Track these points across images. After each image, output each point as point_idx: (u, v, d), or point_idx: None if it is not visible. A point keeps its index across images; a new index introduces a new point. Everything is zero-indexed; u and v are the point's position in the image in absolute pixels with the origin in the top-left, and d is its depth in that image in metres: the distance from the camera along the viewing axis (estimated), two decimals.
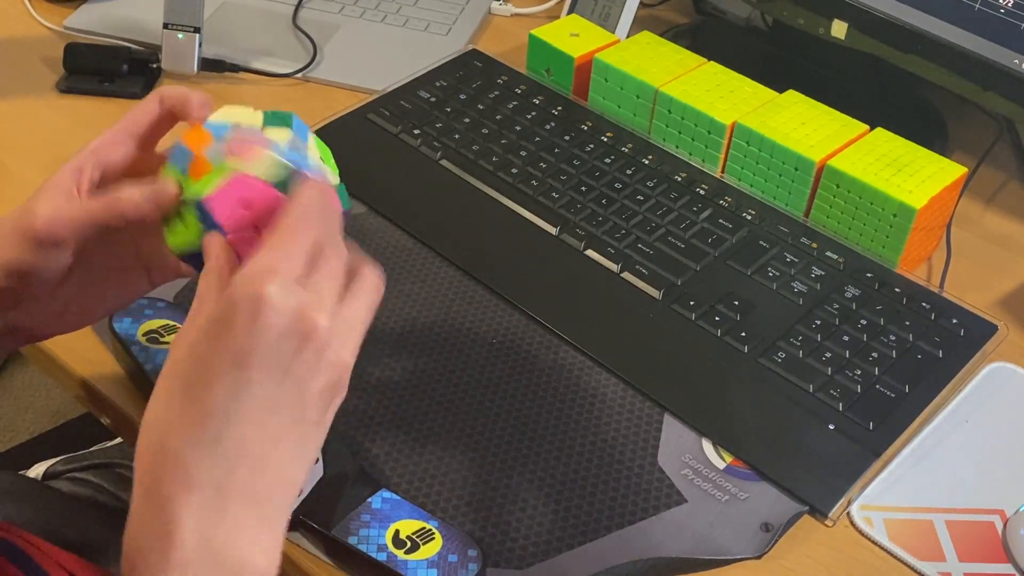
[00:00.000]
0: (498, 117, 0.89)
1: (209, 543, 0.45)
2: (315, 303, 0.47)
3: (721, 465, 0.65)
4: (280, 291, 0.46)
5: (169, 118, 0.58)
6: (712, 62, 0.88)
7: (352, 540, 0.58)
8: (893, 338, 0.71)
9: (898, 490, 0.64)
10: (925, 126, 0.93)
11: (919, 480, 0.65)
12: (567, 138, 0.86)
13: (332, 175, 0.55)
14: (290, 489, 0.48)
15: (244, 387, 0.46)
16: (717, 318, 0.72)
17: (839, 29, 0.88)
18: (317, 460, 0.62)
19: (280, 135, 0.54)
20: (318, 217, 0.49)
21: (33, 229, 0.54)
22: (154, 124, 0.58)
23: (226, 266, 0.50)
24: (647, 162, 0.84)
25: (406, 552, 0.58)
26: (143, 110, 0.58)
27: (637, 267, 0.76)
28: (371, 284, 0.51)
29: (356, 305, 0.49)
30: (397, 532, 0.59)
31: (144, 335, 0.69)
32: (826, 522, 0.63)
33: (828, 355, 0.70)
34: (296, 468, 0.48)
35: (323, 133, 0.88)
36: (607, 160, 0.84)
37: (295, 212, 0.49)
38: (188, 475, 0.45)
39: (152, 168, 0.59)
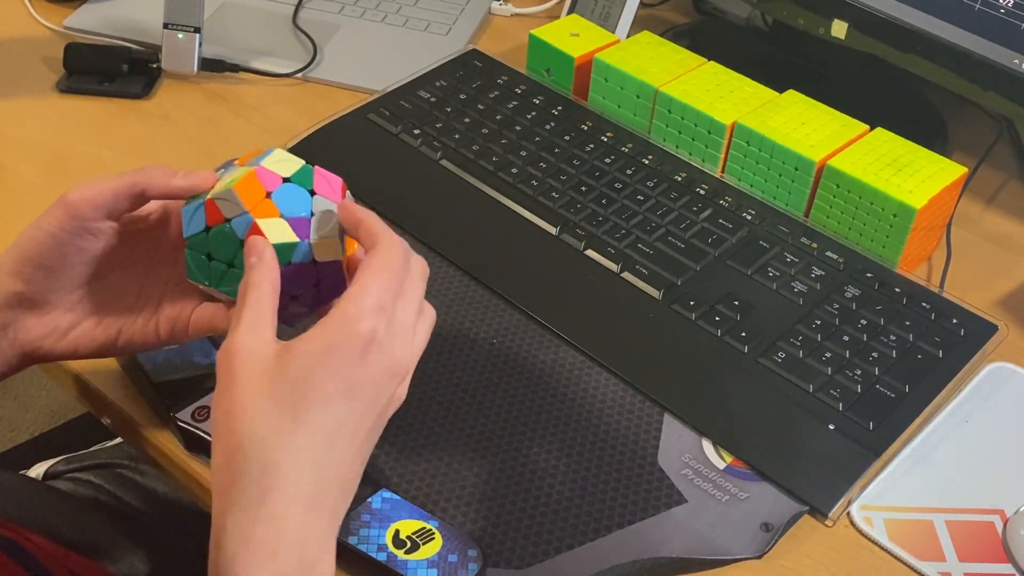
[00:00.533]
0: (498, 117, 0.89)
1: (303, 556, 0.47)
2: (404, 339, 0.51)
3: (721, 465, 0.65)
4: (387, 329, 0.50)
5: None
6: (712, 62, 0.88)
7: (352, 540, 0.58)
8: (893, 338, 0.71)
9: (898, 490, 0.64)
10: (925, 126, 0.93)
11: (919, 480, 0.65)
12: (567, 138, 0.86)
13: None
14: (348, 506, 0.51)
15: (350, 415, 0.49)
16: (717, 318, 0.72)
17: (839, 29, 0.88)
18: None
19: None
20: (404, 251, 0.52)
21: (67, 199, 0.55)
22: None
23: (277, 269, 0.53)
24: (647, 162, 0.84)
25: (406, 552, 0.58)
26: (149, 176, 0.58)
27: (637, 267, 0.76)
28: (429, 322, 0.54)
29: (419, 342, 0.53)
30: (397, 532, 0.59)
31: None
32: (826, 522, 0.63)
33: (828, 355, 0.70)
34: (356, 486, 0.51)
35: (323, 133, 0.88)
36: (607, 160, 0.84)
37: (391, 248, 0.51)
38: (297, 494, 0.47)
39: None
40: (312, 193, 0.55)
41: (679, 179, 0.83)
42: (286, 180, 0.55)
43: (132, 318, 0.60)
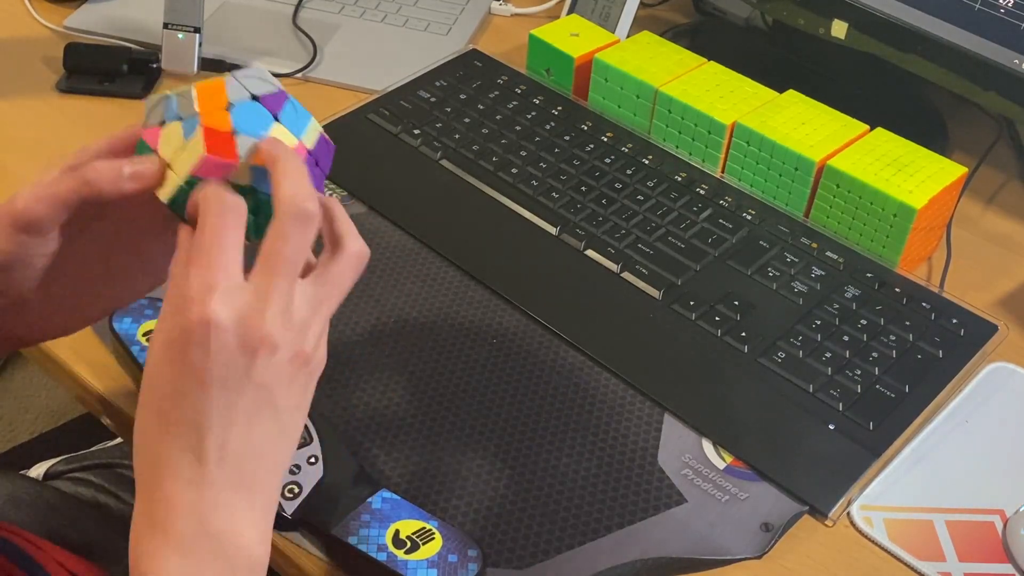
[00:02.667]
0: (498, 117, 0.89)
1: (206, 529, 0.48)
2: (259, 310, 0.48)
3: (721, 465, 0.65)
4: (222, 308, 0.47)
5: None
6: (712, 62, 0.88)
7: (352, 540, 0.58)
8: (893, 338, 0.71)
9: (898, 490, 0.64)
10: (925, 126, 0.93)
11: (919, 480, 0.65)
12: (567, 138, 0.86)
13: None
14: (278, 471, 0.50)
15: (210, 402, 0.48)
16: (717, 318, 0.72)
17: (839, 29, 0.88)
18: (316, 461, 0.62)
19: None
20: (237, 216, 0.49)
21: (12, 213, 0.53)
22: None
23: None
24: (647, 162, 0.84)
25: (406, 552, 0.58)
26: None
27: (637, 267, 0.76)
28: (347, 263, 0.51)
29: (324, 290, 0.50)
30: (397, 532, 0.59)
31: (144, 335, 0.69)
32: (826, 522, 0.63)
33: (828, 355, 0.70)
34: (280, 452, 0.50)
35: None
36: (607, 160, 0.84)
37: (212, 221, 0.48)
38: (181, 475, 0.48)
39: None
40: (275, 119, 0.53)
41: (679, 179, 0.83)
42: (254, 98, 0.52)
43: (109, 283, 0.60)
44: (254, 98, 0.53)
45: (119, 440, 0.92)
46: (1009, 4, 0.77)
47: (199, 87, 0.52)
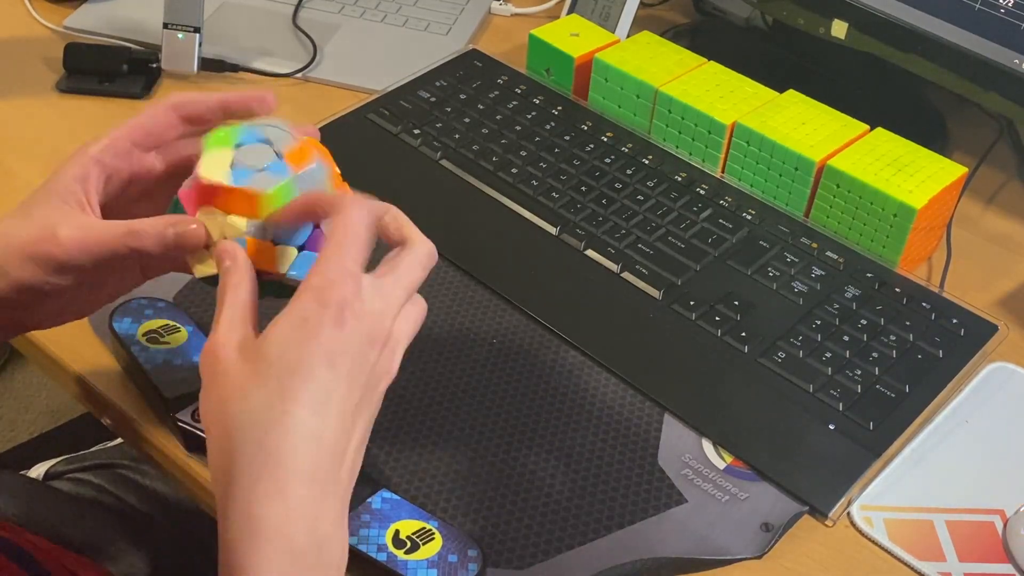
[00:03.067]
0: (498, 117, 0.89)
1: (314, 533, 0.47)
2: (383, 307, 0.50)
3: (721, 465, 0.65)
4: (358, 296, 0.49)
5: (181, 120, 0.58)
6: (712, 62, 0.88)
7: (352, 540, 0.58)
8: (893, 338, 0.71)
9: (898, 490, 0.64)
10: (925, 126, 0.93)
11: (919, 480, 0.65)
12: (567, 138, 0.86)
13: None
14: (352, 487, 0.50)
15: (336, 385, 0.48)
16: (717, 318, 0.72)
17: (839, 29, 0.88)
18: None
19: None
20: (370, 210, 0.52)
21: (55, 258, 0.53)
22: (158, 126, 0.58)
23: (252, 271, 0.52)
24: (647, 162, 0.84)
25: (406, 552, 0.58)
26: (154, 121, 0.58)
27: (637, 267, 0.76)
28: (419, 311, 0.53)
29: (407, 327, 0.52)
30: (397, 532, 0.59)
31: (144, 335, 0.69)
32: (826, 522, 0.63)
33: (828, 355, 0.70)
34: (358, 466, 0.51)
35: (323, 133, 0.87)
36: (607, 160, 0.84)
37: (350, 214, 0.50)
38: (297, 468, 0.47)
39: (154, 174, 0.59)
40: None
41: (679, 179, 0.83)
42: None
43: (115, 276, 0.60)
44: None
45: (119, 440, 0.92)
46: (1009, 4, 0.77)
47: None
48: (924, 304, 0.73)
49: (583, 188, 0.82)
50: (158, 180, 0.60)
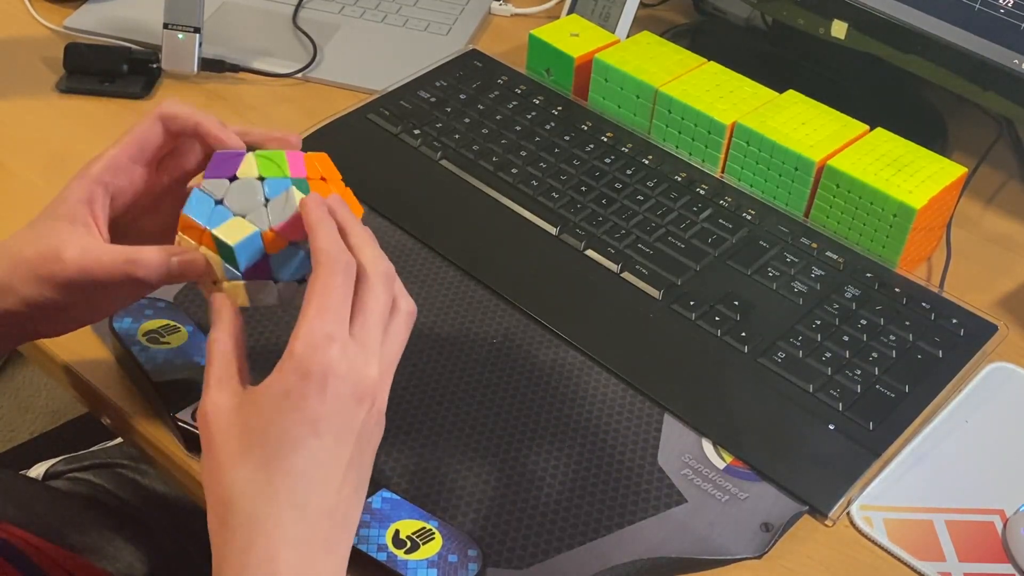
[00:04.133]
0: (498, 117, 0.89)
1: None
2: (365, 359, 0.50)
3: (721, 465, 0.65)
4: (342, 357, 0.49)
5: (172, 135, 0.58)
6: (712, 62, 0.88)
7: (352, 540, 0.58)
8: (893, 338, 0.71)
9: (898, 490, 0.64)
10: (925, 126, 0.93)
11: (919, 480, 0.65)
12: (567, 138, 0.86)
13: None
14: (352, 533, 0.51)
15: (323, 452, 0.49)
16: (717, 318, 0.72)
17: (839, 29, 0.88)
18: None
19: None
20: (345, 267, 0.51)
21: (64, 278, 0.54)
22: (153, 142, 0.58)
23: (239, 324, 0.53)
24: (647, 162, 0.84)
25: (406, 552, 0.58)
26: (146, 135, 0.58)
27: (637, 267, 0.76)
28: (406, 321, 0.53)
29: (394, 348, 0.52)
30: (397, 532, 0.59)
31: (144, 335, 0.69)
32: (826, 522, 0.63)
33: (828, 355, 0.70)
34: (357, 513, 0.52)
35: (323, 133, 0.88)
36: (607, 160, 0.84)
37: (328, 269, 0.50)
38: (284, 535, 0.48)
39: (158, 186, 0.60)
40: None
41: (679, 179, 0.83)
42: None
43: (122, 287, 0.60)
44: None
45: (119, 440, 0.92)
46: (1009, 4, 0.77)
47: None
48: (924, 304, 0.73)
49: (583, 188, 0.82)
50: (164, 191, 0.60)
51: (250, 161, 0.55)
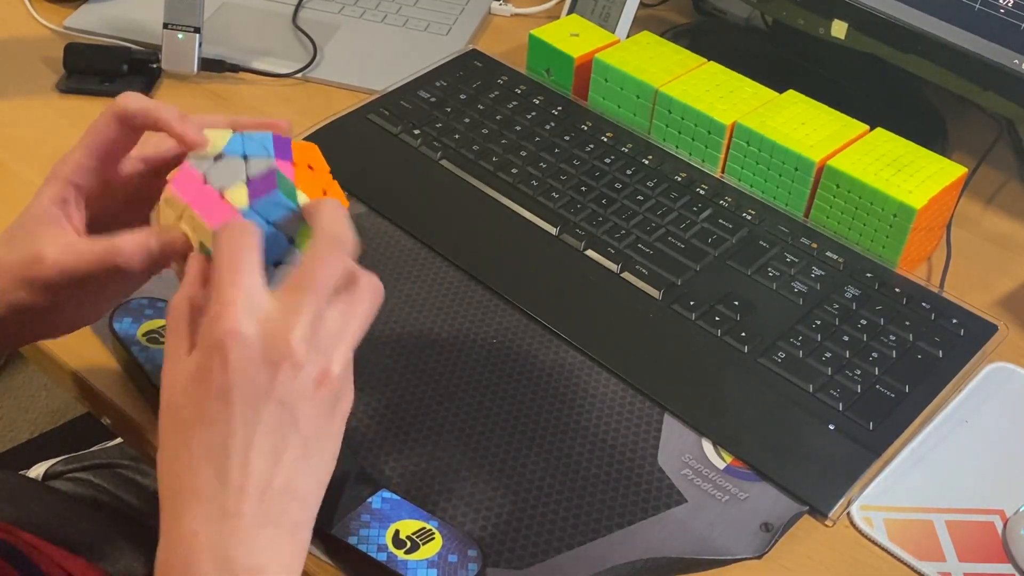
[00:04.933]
0: (498, 117, 0.89)
1: (229, 566, 0.46)
2: (284, 325, 0.47)
3: (721, 465, 0.65)
4: (246, 320, 0.47)
5: (133, 130, 0.57)
6: (712, 62, 0.88)
7: (352, 540, 0.58)
8: (893, 338, 0.71)
9: (898, 490, 0.64)
10: (925, 126, 0.93)
11: (919, 480, 0.65)
12: (567, 138, 0.86)
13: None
14: (305, 503, 0.49)
15: (233, 420, 0.47)
16: (717, 318, 0.72)
17: (839, 29, 0.88)
18: None
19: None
20: (251, 236, 0.49)
21: (46, 280, 0.54)
22: (116, 141, 0.57)
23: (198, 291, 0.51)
24: (647, 162, 0.84)
25: (406, 552, 0.58)
26: (104, 135, 0.57)
27: (637, 267, 0.76)
28: (364, 293, 0.51)
29: (345, 316, 0.50)
30: (397, 532, 0.59)
31: (144, 335, 0.69)
32: (826, 522, 0.63)
33: (828, 355, 0.70)
34: (306, 482, 0.49)
35: (323, 133, 0.88)
36: (607, 160, 0.84)
37: (228, 243, 0.49)
38: (203, 508, 0.47)
39: (134, 178, 0.59)
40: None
41: (679, 179, 0.83)
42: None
43: (102, 292, 0.60)
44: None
45: (119, 440, 0.92)
46: (1009, 4, 0.77)
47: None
48: (924, 304, 0.73)
49: (583, 188, 0.82)
50: (143, 179, 0.60)
51: (236, 140, 0.55)
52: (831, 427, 0.66)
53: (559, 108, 0.90)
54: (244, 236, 0.49)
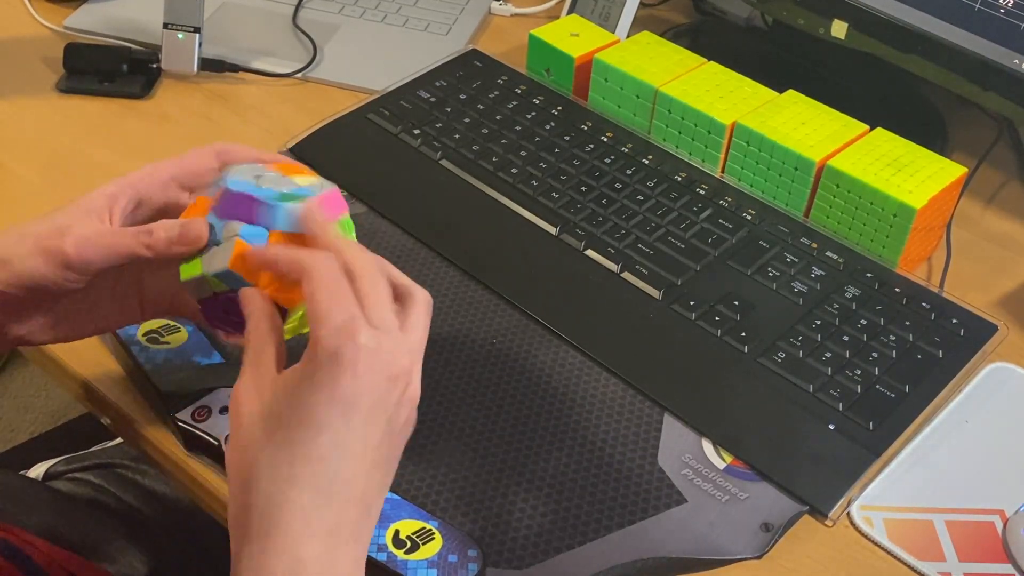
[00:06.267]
0: (498, 117, 0.89)
1: None
2: (393, 341, 0.49)
3: (721, 465, 0.65)
4: (371, 337, 0.48)
5: (216, 170, 0.59)
6: (712, 62, 0.88)
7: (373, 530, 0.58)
8: (893, 338, 0.71)
9: (898, 490, 0.64)
10: (925, 126, 0.93)
11: (919, 480, 0.65)
12: (567, 138, 0.86)
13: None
14: (374, 524, 0.50)
15: (351, 431, 0.48)
16: (717, 318, 0.72)
17: (839, 29, 0.88)
18: None
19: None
20: (331, 261, 0.50)
21: (63, 251, 0.54)
22: (202, 175, 0.58)
23: (272, 313, 0.52)
24: (647, 162, 0.84)
25: (406, 552, 0.58)
26: (196, 160, 0.58)
27: (637, 267, 0.76)
28: (425, 309, 0.52)
29: (416, 335, 0.51)
30: (397, 532, 0.59)
31: (144, 335, 0.69)
32: (826, 522, 0.63)
33: (828, 355, 0.70)
34: (380, 504, 0.51)
35: (323, 133, 0.88)
36: (607, 160, 0.84)
37: (317, 266, 0.50)
38: (307, 522, 0.47)
39: (183, 209, 0.60)
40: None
41: (679, 179, 0.83)
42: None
43: (114, 305, 0.60)
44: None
45: (119, 440, 0.92)
46: (1009, 4, 0.77)
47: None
48: (924, 304, 0.73)
49: (583, 188, 0.82)
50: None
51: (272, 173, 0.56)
52: (831, 427, 0.66)
53: (559, 108, 0.90)
54: (331, 262, 0.50)
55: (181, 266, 0.55)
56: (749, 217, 0.80)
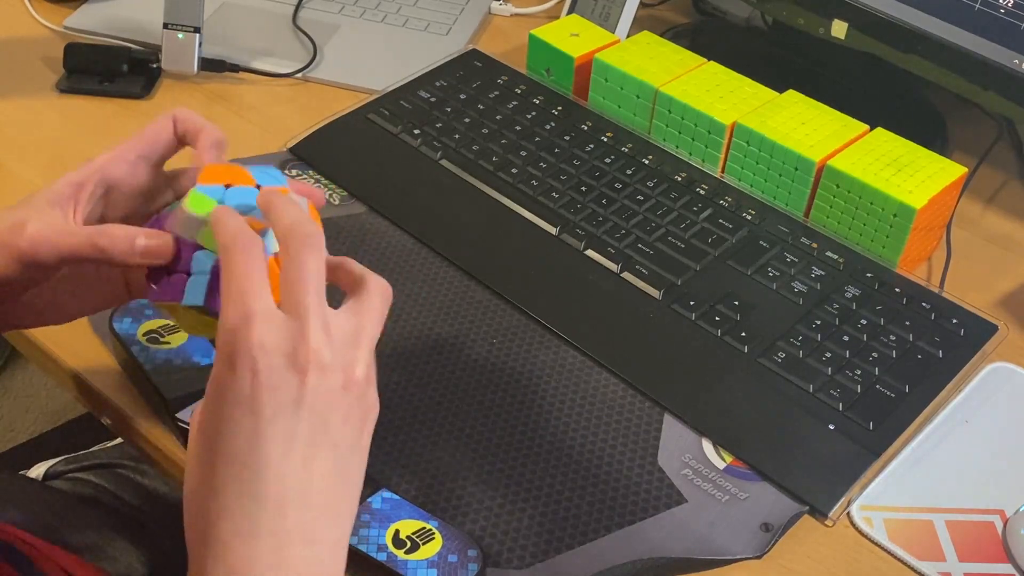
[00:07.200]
0: (498, 117, 0.89)
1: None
2: (300, 330, 0.46)
3: (721, 465, 0.65)
4: (267, 330, 0.46)
5: (179, 139, 0.59)
6: (712, 62, 0.88)
7: (352, 540, 0.58)
8: (893, 338, 0.71)
9: (898, 490, 0.64)
10: (925, 126, 0.93)
11: (919, 480, 0.65)
12: (567, 138, 0.86)
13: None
14: (340, 523, 0.48)
15: (262, 430, 0.46)
16: (717, 318, 0.72)
17: (839, 29, 0.88)
18: None
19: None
20: (258, 249, 0.48)
21: (18, 248, 0.53)
22: (162, 142, 0.58)
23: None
24: (647, 162, 0.84)
25: (406, 552, 0.58)
26: (157, 132, 0.58)
27: (637, 267, 0.76)
28: (373, 295, 0.50)
29: (357, 318, 0.49)
30: (397, 532, 0.59)
31: (144, 335, 0.69)
32: (826, 522, 0.63)
33: (828, 355, 0.70)
34: (342, 500, 0.48)
35: (323, 133, 0.88)
36: (607, 160, 0.84)
37: (237, 256, 0.48)
38: (238, 526, 0.45)
39: (156, 187, 0.59)
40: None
41: (679, 179, 0.83)
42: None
43: (99, 287, 0.60)
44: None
45: (119, 440, 0.92)
46: (1009, 4, 0.77)
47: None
48: (924, 304, 0.73)
49: (583, 188, 0.82)
50: (162, 201, 0.60)
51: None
52: (831, 427, 0.66)
53: (559, 108, 0.90)
54: (252, 247, 0.48)
55: (190, 195, 0.53)
56: (749, 217, 0.80)
